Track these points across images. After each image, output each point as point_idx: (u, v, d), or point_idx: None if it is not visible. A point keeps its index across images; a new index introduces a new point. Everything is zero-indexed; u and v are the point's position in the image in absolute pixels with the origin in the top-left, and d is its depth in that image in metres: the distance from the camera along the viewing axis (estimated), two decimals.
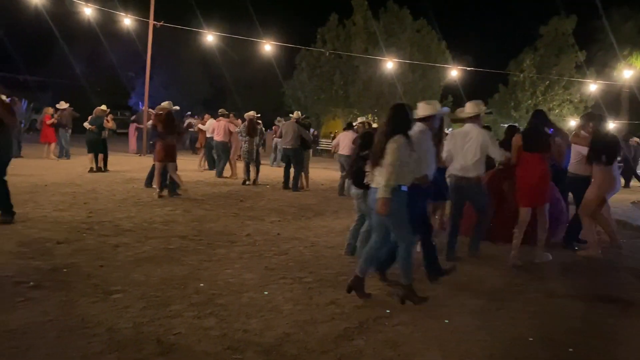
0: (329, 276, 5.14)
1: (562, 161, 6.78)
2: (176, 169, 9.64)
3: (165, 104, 10.22)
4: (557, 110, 30.92)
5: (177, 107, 18.11)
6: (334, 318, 4.03)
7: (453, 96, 31.82)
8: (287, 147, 11.82)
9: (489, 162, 6.43)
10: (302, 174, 12.03)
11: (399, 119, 4.41)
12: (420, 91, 30.46)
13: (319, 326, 3.85)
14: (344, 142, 11.30)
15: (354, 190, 5.75)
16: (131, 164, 15.17)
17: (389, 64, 24.00)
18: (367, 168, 5.49)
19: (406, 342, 3.66)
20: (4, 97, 6.57)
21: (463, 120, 6.31)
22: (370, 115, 31.88)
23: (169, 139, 9.48)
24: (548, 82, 31.18)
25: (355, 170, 5.56)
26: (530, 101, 31.84)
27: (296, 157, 11.78)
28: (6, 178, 6.52)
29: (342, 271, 5.34)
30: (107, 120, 13.55)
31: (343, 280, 4.98)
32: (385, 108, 30.50)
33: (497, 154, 6.11)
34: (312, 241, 6.68)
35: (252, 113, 12.45)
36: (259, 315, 3.97)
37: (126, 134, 22.10)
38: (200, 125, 16.17)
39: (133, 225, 6.92)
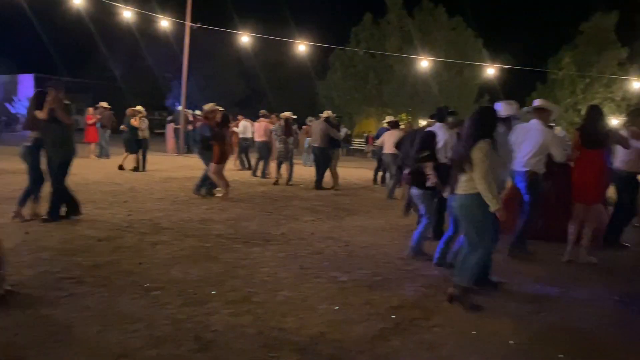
0: (363, 276, 5.12)
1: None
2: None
3: (210, 105, 10.03)
4: None
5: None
6: (370, 318, 4.02)
7: (490, 95, 31.32)
8: (315, 145, 12.01)
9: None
10: (331, 173, 12.08)
11: (486, 123, 4.28)
12: (455, 90, 30.07)
13: (355, 326, 3.84)
14: (390, 141, 11.20)
15: (414, 192, 5.74)
16: (169, 164, 15.48)
17: (424, 63, 23.76)
18: (428, 170, 5.50)
19: (443, 344, 3.62)
20: (65, 100, 6.75)
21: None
22: (404, 115, 31.67)
23: (226, 140, 9.47)
24: (588, 80, 30.31)
25: (415, 171, 5.55)
26: (569, 99, 31.02)
27: (322, 156, 11.86)
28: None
29: (377, 271, 5.31)
30: (134, 120, 13.62)
31: (378, 281, 4.97)
32: (419, 107, 30.31)
33: (558, 154, 6.02)
34: (346, 241, 6.67)
35: (288, 113, 12.54)
36: (295, 314, 3.99)
37: (164, 135, 22.53)
38: (234, 128, 16.35)
39: (171, 223, 7.05)
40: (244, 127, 15.12)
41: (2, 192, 8.60)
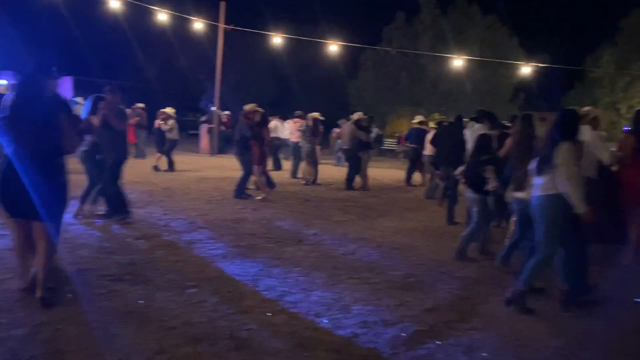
0: (397, 278, 5.08)
1: None
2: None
3: (250, 106, 9.88)
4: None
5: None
6: (404, 320, 3.99)
7: (525, 94, 30.68)
8: (344, 147, 12.30)
9: None
10: (360, 174, 12.05)
11: (569, 126, 4.27)
12: (490, 89, 29.56)
13: (389, 328, 3.82)
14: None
15: (469, 195, 5.73)
16: (202, 164, 15.69)
17: (458, 62, 23.45)
18: (488, 174, 5.47)
19: (480, 348, 3.56)
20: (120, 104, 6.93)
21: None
22: (437, 114, 31.30)
23: (265, 141, 9.45)
24: (629, 78, 29.36)
25: (473, 174, 5.53)
26: (608, 98, 30.12)
27: (351, 158, 11.94)
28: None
29: (410, 273, 5.27)
30: (159, 121, 13.76)
31: (412, 282, 4.93)
32: (453, 106, 29.90)
33: (605, 156, 5.92)
34: (379, 242, 6.64)
35: (316, 114, 12.56)
36: (328, 314, 3.99)
37: (197, 135, 22.85)
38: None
39: (205, 222, 7.15)
40: (275, 127, 15.24)
41: None
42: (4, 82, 24.71)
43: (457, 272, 5.38)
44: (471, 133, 7.73)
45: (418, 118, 13.91)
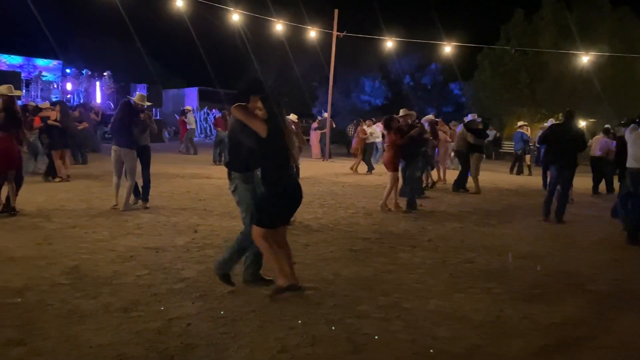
0: (520, 288, 4.81)
1: None
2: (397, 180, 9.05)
3: (403, 110, 9.82)
4: None
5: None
6: (529, 334, 3.76)
7: None
8: (455, 149, 12.48)
9: None
10: (472, 177, 11.76)
11: None
12: (621, 87, 27.05)
13: (512, 341, 3.63)
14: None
15: None
16: (315, 169, 16.03)
17: (584, 58, 21.79)
18: None
19: None
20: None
21: None
22: (559, 115, 29.31)
23: (385, 146, 9.31)
24: None
25: None
26: None
27: (460, 160, 12.00)
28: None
29: (535, 284, 4.96)
30: None
31: (537, 294, 4.65)
32: (577, 106, 27.78)
33: None
34: (499, 250, 6.33)
35: (431, 116, 12.33)
36: (447, 323, 3.87)
37: (308, 141, 23.45)
38: (365, 128, 16.45)
39: (320, 226, 7.30)
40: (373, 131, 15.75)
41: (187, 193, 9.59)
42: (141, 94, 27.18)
43: (588, 285, 4.98)
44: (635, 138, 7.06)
45: (520, 123, 14.04)
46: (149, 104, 8.45)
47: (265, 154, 4.19)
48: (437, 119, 12.76)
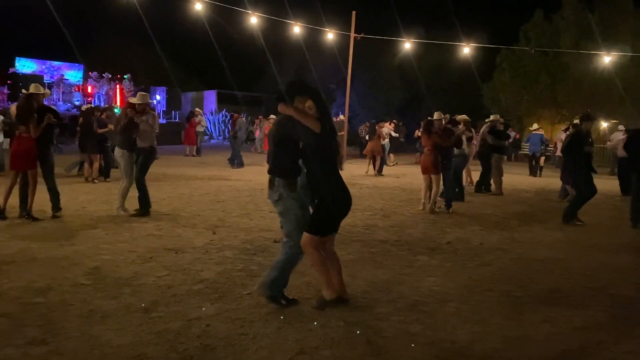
0: (540, 292, 4.75)
1: None
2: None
3: (438, 113, 9.66)
4: None
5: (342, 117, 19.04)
6: (549, 338, 3.72)
7: None
8: (476, 150, 12.44)
9: None
10: (493, 178, 11.75)
11: None
12: None
13: (532, 345, 3.58)
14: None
15: None
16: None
17: (606, 59, 21.46)
18: None
19: None
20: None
21: None
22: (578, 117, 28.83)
23: (425, 150, 9.04)
24: None
25: None
26: None
27: (481, 161, 12.02)
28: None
29: (555, 287, 4.90)
30: None
31: (558, 298, 4.58)
32: (599, 107, 27.37)
33: None
34: (519, 253, 6.26)
35: (465, 116, 11.90)
36: (466, 326, 3.84)
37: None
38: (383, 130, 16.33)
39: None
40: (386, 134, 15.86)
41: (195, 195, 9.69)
42: (158, 97, 27.37)
43: (610, 289, 4.90)
44: None
45: (535, 126, 14.00)
46: (137, 101, 7.89)
47: (317, 154, 4.01)
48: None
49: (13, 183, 7.12)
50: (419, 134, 9.71)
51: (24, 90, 7.82)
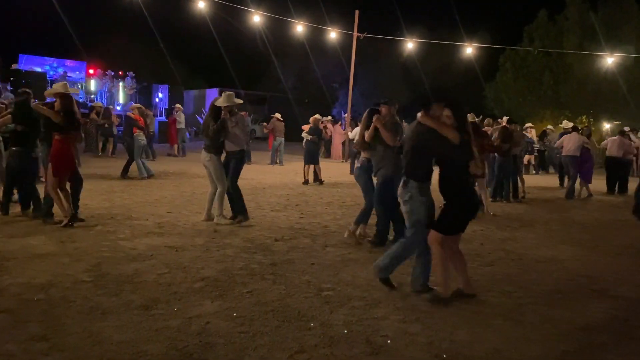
0: (541, 293, 4.74)
1: None
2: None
3: (470, 116, 9.31)
4: None
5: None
6: (550, 338, 3.71)
7: None
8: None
9: None
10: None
11: None
12: None
13: (533, 345, 3.58)
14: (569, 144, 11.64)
15: None
16: (335, 170, 16.05)
17: (610, 60, 21.42)
18: None
19: None
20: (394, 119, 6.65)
21: None
22: (584, 117, 28.89)
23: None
24: None
25: None
26: None
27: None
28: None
29: (557, 288, 4.89)
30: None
31: (559, 299, 4.58)
32: (602, 108, 27.33)
33: None
34: (520, 254, 6.25)
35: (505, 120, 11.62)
36: (466, 326, 3.84)
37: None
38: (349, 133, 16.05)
39: (339, 227, 7.29)
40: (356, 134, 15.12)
41: (196, 193, 9.70)
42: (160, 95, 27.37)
43: (612, 290, 4.89)
44: None
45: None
46: (224, 104, 7.22)
47: (455, 162, 4.19)
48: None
49: (62, 188, 6.64)
50: None
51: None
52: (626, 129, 15.25)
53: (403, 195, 4.40)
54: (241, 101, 7.77)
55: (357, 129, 14.99)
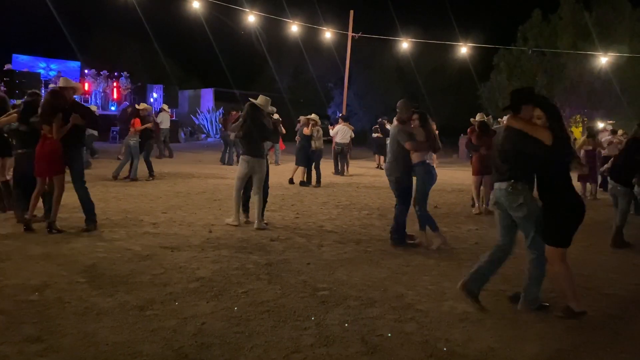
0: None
1: None
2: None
3: (479, 115, 9.85)
4: None
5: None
6: (544, 337, 3.73)
7: None
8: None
9: None
10: None
11: None
12: None
13: (527, 344, 3.60)
14: None
15: None
16: (329, 169, 16.03)
17: (603, 59, 21.52)
18: None
19: None
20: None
21: None
22: (578, 116, 29.00)
23: (482, 150, 8.92)
24: None
25: None
26: None
27: None
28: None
29: (550, 287, 4.89)
30: (306, 129, 12.57)
31: (553, 298, 4.59)
32: (596, 107, 27.42)
33: None
34: (515, 253, 6.23)
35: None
36: (461, 325, 3.86)
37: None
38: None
39: (334, 227, 7.30)
40: (337, 132, 15.05)
41: (194, 192, 9.68)
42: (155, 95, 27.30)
43: (606, 289, 4.92)
44: None
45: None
46: (261, 103, 7.43)
47: (549, 164, 3.97)
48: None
49: (40, 190, 6.37)
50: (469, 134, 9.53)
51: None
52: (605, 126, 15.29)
53: (515, 201, 4.06)
54: (275, 109, 8.05)
55: (338, 127, 15.14)
